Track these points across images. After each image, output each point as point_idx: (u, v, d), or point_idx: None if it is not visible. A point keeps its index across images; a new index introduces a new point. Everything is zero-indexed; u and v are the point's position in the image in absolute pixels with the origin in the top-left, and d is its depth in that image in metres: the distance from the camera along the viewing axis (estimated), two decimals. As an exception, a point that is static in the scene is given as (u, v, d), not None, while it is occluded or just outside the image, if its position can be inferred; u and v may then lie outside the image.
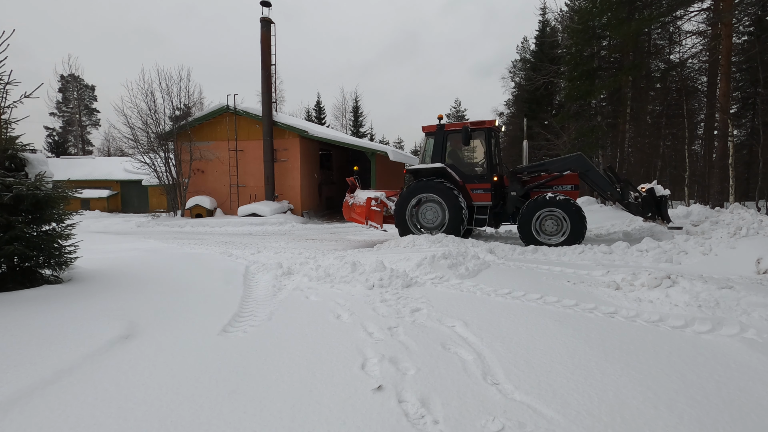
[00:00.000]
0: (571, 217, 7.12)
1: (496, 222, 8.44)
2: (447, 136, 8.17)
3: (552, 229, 7.39)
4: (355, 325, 3.54)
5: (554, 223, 7.36)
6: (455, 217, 7.70)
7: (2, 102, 4.73)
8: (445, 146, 8.20)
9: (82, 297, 4.23)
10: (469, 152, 8.44)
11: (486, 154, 8.09)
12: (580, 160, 7.58)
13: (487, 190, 7.93)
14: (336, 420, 2.10)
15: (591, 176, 7.54)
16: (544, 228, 7.43)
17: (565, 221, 7.21)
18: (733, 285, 4.02)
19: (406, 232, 8.25)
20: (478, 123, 8.11)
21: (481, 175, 8.14)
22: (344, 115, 44.86)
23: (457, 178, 8.05)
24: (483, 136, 8.13)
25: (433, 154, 8.29)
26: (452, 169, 8.08)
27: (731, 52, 11.85)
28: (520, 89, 32.25)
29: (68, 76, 40.53)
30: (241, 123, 19.53)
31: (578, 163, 7.56)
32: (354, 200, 9.07)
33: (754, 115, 19.38)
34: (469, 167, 8.42)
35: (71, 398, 2.33)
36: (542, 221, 7.38)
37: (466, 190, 8.09)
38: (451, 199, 7.72)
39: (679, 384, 2.37)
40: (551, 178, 7.89)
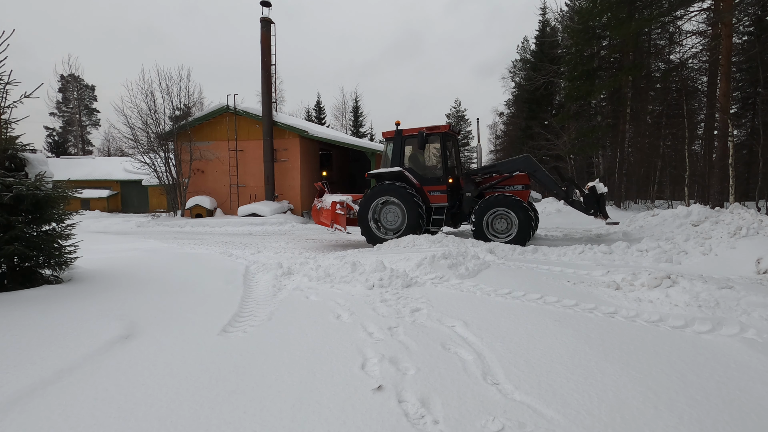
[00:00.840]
0: (518, 215, 7.41)
1: (454, 222, 8.74)
2: (405, 141, 8.47)
3: (502, 227, 7.70)
4: (355, 325, 3.54)
5: (504, 222, 7.68)
6: (413, 218, 7.96)
7: (2, 102, 4.73)
8: (404, 151, 8.48)
9: (82, 297, 4.23)
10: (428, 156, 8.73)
11: (441, 157, 8.37)
12: (527, 161, 7.90)
13: (443, 191, 8.21)
14: (336, 420, 2.10)
15: (538, 176, 7.87)
16: (495, 227, 7.75)
17: (513, 220, 7.50)
18: (733, 285, 4.02)
19: (369, 234, 8.49)
20: (433, 128, 8.35)
21: (437, 178, 8.39)
22: (344, 115, 44.88)
23: (414, 181, 8.31)
24: (438, 141, 8.39)
25: (392, 159, 8.60)
26: (410, 172, 8.37)
27: (731, 52, 11.85)
28: (520, 89, 32.26)
29: (68, 76, 40.54)
30: (241, 123, 19.53)
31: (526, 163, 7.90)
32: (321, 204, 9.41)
33: (754, 115, 19.38)
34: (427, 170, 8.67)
35: (71, 398, 2.33)
36: (493, 220, 7.71)
37: (424, 192, 8.37)
38: (409, 202, 7.97)
39: (679, 384, 2.37)
40: (502, 178, 8.19)
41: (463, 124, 47.94)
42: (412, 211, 7.97)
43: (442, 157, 8.40)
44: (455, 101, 51.84)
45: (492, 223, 7.75)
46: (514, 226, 7.54)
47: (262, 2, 18.29)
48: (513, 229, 7.56)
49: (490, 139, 49.45)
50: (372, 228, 8.41)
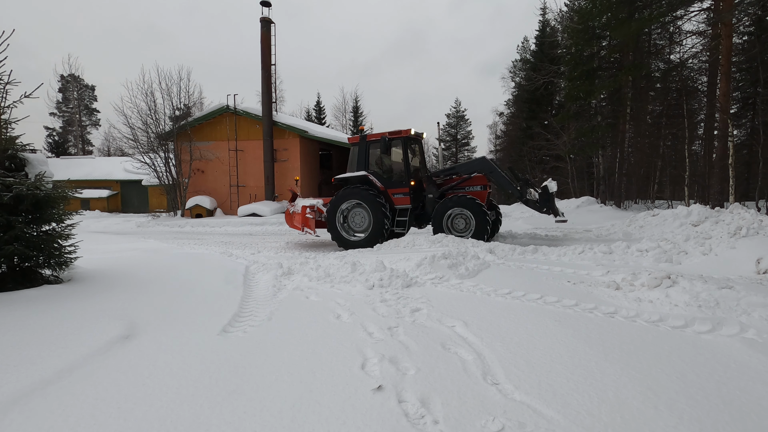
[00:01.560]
0: (475, 215, 7.68)
1: (419, 223, 9.04)
2: (369, 146, 8.76)
3: (461, 226, 7.98)
4: (355, 325, 3.54)
5: (462, 221, 7.95)
6: (379, 220, 8.22)
7: (2, 102, 4.73)
8: (368, 155, 8.76)
9: (82, 297, 4.23)
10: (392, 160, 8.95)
11: (404, 160, 8.58)
12: (483, 162, 8.21)
13: (406, 194, 8.48)
14: (336, 420, 2.10)
15: (494, 177, 8.13)
16: (455, 226, 8.02)
17: (471, 219, 7.77)
18: (733, 285, 4.02)
19: (338, 236, 8.74)
20: (396, 132, 8.60)
21: (400, 181, 8.64)
22: (344, 115, 44.89)
23: (378, 185, 8.59)
24: (400, 145, 8.62)
25: (358, 163, 8.89)
26: (375, 176, 8.64)
27: (731, 52, 11.84)
28: (520, 89, 32.25)
29: (68, 76, 40.55)
30: (241, 123, 19.53)
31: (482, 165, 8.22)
32: (294, 209, 9.70)
33: (754, 115, 19.38)
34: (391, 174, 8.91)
35: (71, 398, 2.33)
36: (453, 220, 7.99)
37: (389, 195, 8.63)
38: (373, 204, 8.23)
39: (679, 384, 2.37)
40: (462, 180, 8.47)
41: (463, 124, 47.95)
42: (377, 214, 8.21)
43: (404, 160, 8.61)
44: (455, 101, 51.86)
45: (451, 222, 8.03)
46: (472, 226, 7.82)
47: (262, 2, 18.29)
48: (471, 228, 7.85)
49: (490, 139, 49.51)
50: (340, 231, 8.64)
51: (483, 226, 7.67)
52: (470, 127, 48.36)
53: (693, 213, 8.45)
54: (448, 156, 48.41)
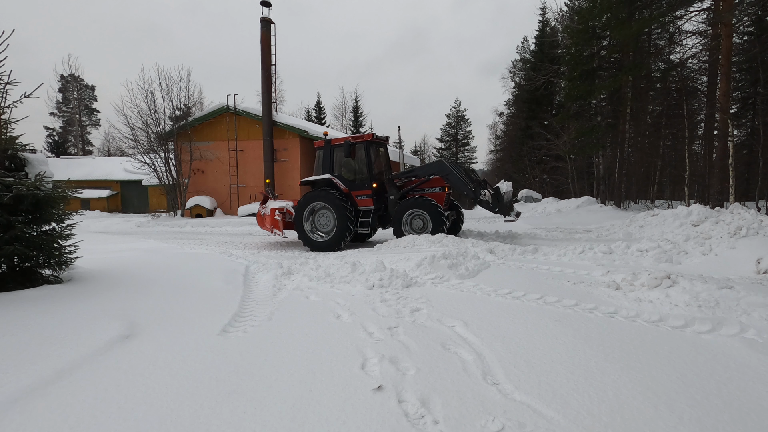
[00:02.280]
0: (432, 215, 8.02)
1: (382, 223, 9.35)
2: (333, 150, 9.10)
3: (419, 226, 8.35)
4: (355, 325, 3.54)
5: (420, 221, 8.30)
6: (342, 221, 8.49)
7: (2, 102, 4.73)
8: (333, 158, 9.09)
9: (82, 297, 4.23)
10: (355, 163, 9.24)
11: (366, 163, 8.92)
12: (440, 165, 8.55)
13: (368, 195, 8.82)
14: (336, 420, 2.10)
15: (450, 179, 8.41)
16: (414, 226, 8.39)
17: (427, 219, 8.11)
18: (733, 285, 4.02)
19: (304, 237, 8.98)
20: (358, 137, 9.05)
21: (363, 183, 8.95)
22: (344, 115, 44.89)
23: (342, 187, 8.87)
24: (363, 149, 8.95)
25: (323, 167, 9.19)
26: (339, 178, 8.94)
27: (731, 52, 11.84)
28: (520, 89, 32.24)
29: (68, 76, 40.55)
30: (241, 123, 19.53)
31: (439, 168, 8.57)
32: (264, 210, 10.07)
33: (754, 115, 19.38)
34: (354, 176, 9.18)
35: (71, 398, 2.33)
36: (411, 220, 8.35)
37: (352, 197, 8.94)
38: (338, 206, 8.49)
39: (679, 384, 2.37)
40: (421, 182, 8.82)
41: (463, 124, 47.93)
42: (341, 215, 8.47)
43: (366, 163, 8.92)
44: (455, 101, 51.86)
45: (410, 222, 8.36)
46: (429, 225, 8.16)
47: (262, 2, 18.29)
48: (428, 228, 8.19)
49: (490, 139, 49.49)
50: (306, 232, 8.93)
51: (439, 226, 8.00)
52: (470, 127, 48.39)
53: (693, 213, 8.44)
54: (448, 156, 48.43)
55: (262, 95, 18.65)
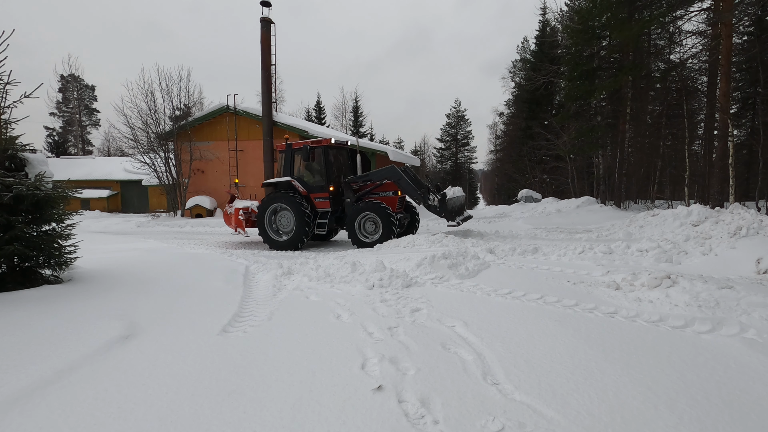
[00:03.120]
0: (382, 219, 8.33)
1: (339, 225, 9.60)
2: (294, 154, 9.43)
3: (371, 229, 8.64)
4: (355, 325, 3.54)
5: (372, 224, 8.60)
6: (301, 222, 8.82)
7: (2, 102, 4.73)
8: (293, 162, 9.43)
9: (82, 297, 4.23)
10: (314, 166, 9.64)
11: (324, 167, 9.24)
12: (392, 170, 8.83)
13: (326, 198, 9.14)
14: (336, 420, 2.10)
15: (401, 184, 8.71)
16: (366, 228, 8.68)
17: (379, 223, 8.41)
18: (733, 285, 4.02)
19: (266, 236, 9.29)
20: (317, 141, 9.37)
21: (321, 186, 9.27)
22: (344, 115, 44.87)
23: (301, 189, 9.21)
24: (321, 153, 9.25)
25: (284, 169, 9.54)
26: (298, 181, 9.27)
27: (731, 52, 11.83)
28: (520, 89, 32.24)
29: (68, 76, 40.53)
30: (241, 123, 19.53)
31: (390, 173, 8.87)
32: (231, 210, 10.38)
33: (754, 115, 19.37)
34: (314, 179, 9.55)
35: (71, 398, 2.33)
36: (364, 223, 8.66)
37: (311, 199, 9.27)
38: (296, 207, 8.83)
39: (679, 384, 2.37)
40: (375, 186, 9.14)
41: (463, 124, 47.92)
42: (299, 216, 8.82)
43: (325, 167, 9.23)
44: (455, 101, 51.79)
45: (363, 225, 8.66)
46: (380, 228, 8.45)
47: (262, 2, 18.27)
48: (379, 230, 8.48)
49: (490, 139, 49.48)
50: (268, 231, 9.24)
51: (389, 229, 8.31)
52: (470, 127, 48.36)
53: (693, 213, 8.44)
54: (448, 156, 48.40)
55: (262, 95, 18.64)
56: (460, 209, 8.91)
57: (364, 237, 8.58)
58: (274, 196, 9.18)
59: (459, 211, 8.89)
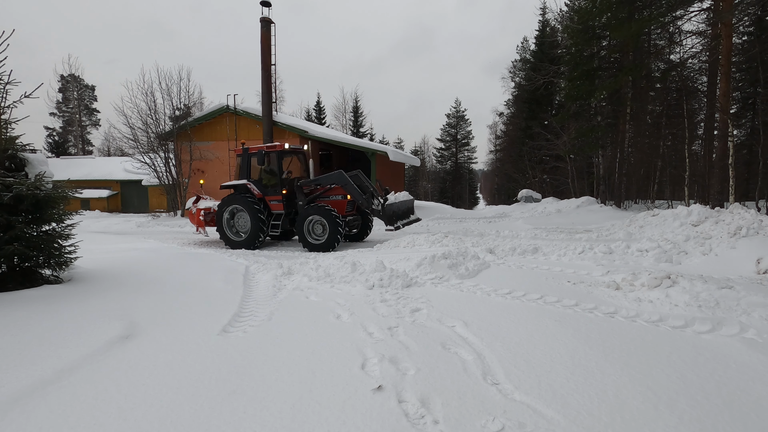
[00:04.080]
0: (329, 222, 8.63)
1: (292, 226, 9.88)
2: (250, 158, 9.80)
3: (319, 232, 8.92)
4: (355, 325, 3.54)
5: (320, 227, 8.88)
6: (255, 223, 9.19)
7: (2, 102, 4.73)
8: (249, 165, 9.78)
9: (82, 297, 4.23)
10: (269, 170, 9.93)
11: (278, 171, 9.60)
12: (339, 176, 9.15)
13: (279, 201, 9.50)
14: (336, 420, 2.10)
15: (347, 188, 9.03)
16: (314, 231, 8.97)
17: (327, 226, 8.71)
18: (733, 285, 4.02)
19: (224, 236, 9.65)
20: (272, 146, 9.70)
21: (275, 189, 9.62)
22: (344, 115, 44.86)
23: (256, 192, 9.55)
24: (275, 157, 9.64)
25: (240, 172, 9.90)
26: (254, 183, 9.62)
27: (731, 52, 11.82)
28: (520, 89, 32.24)
29: (68, 76, 40.52)
30: (241, 123, 19.52)
31: (338, 178, 9.20)
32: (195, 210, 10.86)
33: (754, 115, 19.37)
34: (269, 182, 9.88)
35: (71, 398, 2.33)
36: (313, 226, 8.95)
37: (266, 201, 9.63)
38: (251, 209, 9.20)
39: (679, 384, 2.37)
40: (325, 190, 9.46)
41: (463, 124, 47.92)
42: (254, 217, 9.18)
43: (278, 171, 9.60)
44: (455, 101, 51.78)
45: (312, 228, 8.97)
46: (327, 231, 8.73)
47: (262, 2, 18.27)
48: (326, 233, 8.76)
49: (490, 139, 49.47)
50: (226, 231, 9.62)
51: (335, 232, 8.60)
52: (470, 127, 48.36)
53: (693, 213, 8.44)
54: (448, 156, 48.40)
55: (262, 95, 18.63)
56: (404, 213, 9.25)
57: (312, 239, 8.90)
58: (231, 198, 9.57)
59: (403, 215, 9.23)
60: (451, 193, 46.50)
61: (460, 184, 48.15)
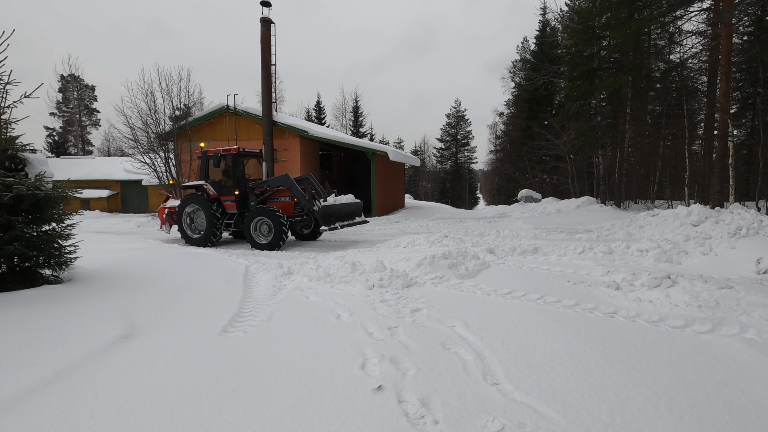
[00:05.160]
0: (274, 223, 9.01)
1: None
2: (209, 160, 10.33)
3: (266, 232, 9.30)
4: (355, 325, 3.54)
5: (266, 227, 9.26)
6: (210, 221, 9.74)
7: (2, 102, 4.72)
8: (208, 167, 10.30)
9: (82, 297, 4.23)
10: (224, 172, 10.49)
11: (232, 173, 10.18)
12: (284, 178, 9.57)
13: (233, 201, 9.98)
14: (336, 420, 2.10)
15: (292, 191, 9.41)
16: (261, 231, 9.35)
17: (272, 226, 9.08)
18: (733, 285, 4.02)
19: (183, 233, 10.19)
20: (227, 149, 10.24)
21: (229, 190, 10.10)
22: (344, 115, 44.86)
23: (211, 192, 10.01)
24: (230, 160, 10.16)
25: (200, 173, 10.41)
26: (211, 184, 10.09)
27: (731, 52, 11.82)
28: (520, 89, 32.24)
29: (68, 76, 40.51)
30: (241, 123, 19.52)
31: (284, 181, 9.62)
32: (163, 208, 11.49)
33: (754, 115, 19.37)
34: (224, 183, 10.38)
35: (71, 398, 2.33)
36: (260, 226, 9.35)
37: (221, 201, 10.07)
38: (206, 208, 9.77)
39: (679, 384, 2.37)
40: (274, 191, 9.90)
41: (462, 124, 47.92)
42: (208, 216, 9.73)
43: (232, 172, 10.15)
44: (455, 101, 51.74)
45: (259, 228, 9.34)
46: (272, 231, 9.09)
47: (262, 2, 18.26)
48: (272, 233, 9.11)
49: (490, 139, 49.46)
50: (185, 229, 10.15)
51: (280, 232, 8.95)
52: (470, 127, 48.35)
53: (693, 213, 8.44)
54: (448, 156, 48.39)
55: (262, 95, 18.62)
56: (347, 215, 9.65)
57: (259, 239, 9.26)
58: (189, 197, 10.09)
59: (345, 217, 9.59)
60: (451, 193, 46.51)
61: (460, 184, 48.15)
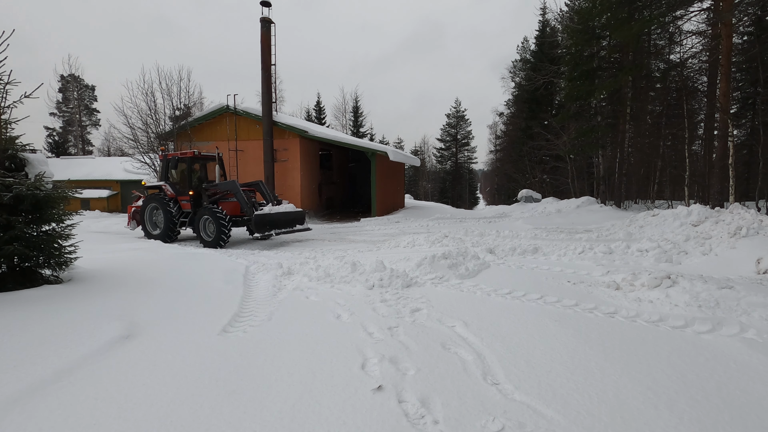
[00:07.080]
0: (216, 222, 9.72)
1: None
2: (169, 162, 11.18)
3: (212, 230, 10.00)
4: (355, 325, 3.54)
5: (213, 226, 9.94)
6: (167, 219, 10.56)
7: (2, 102, 4.72)
8: (168, 168, 11.16)
9: (82, 297, 4.23)
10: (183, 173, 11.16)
11: (188, 175, 10.94)
12: (232, 184, 10.30)
13: (187, 201, 10.70)
14: (336, 420, 2.10)
15: (236, 196, 10.05)
16: (208, 229, 10.06)
17: (215, 225, 9.79)
18: (733, 285, 4.02)
19: (145, 231, 11.03)
20: (183, 153, 11.07)
21: (184, 191, 10.79)
22: (344, 115, 44.85)
23: (169, 192, 10.80)
24: (186, 162, 10.95)
25: (161, 174, 11.24)
26: (170, 185, 10.87)
27: (731, 52, 11.82)
28: (520, 89, 32.24)
29: (68, 76, 40.51)
30: (241, 123, 19.52)
31: (230, 186, 10.34)
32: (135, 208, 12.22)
33: (754, 115, 19.36)
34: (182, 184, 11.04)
35: (71, 398, 2.33)
36: (207, 225, 10.08)
37: (178, 201, 10.83)
38: (164, 207, 10.61)
39: (679, 384, 2.37)
40: (224, 193, 10.59)
41: (463, 124, 47.91)
42: (166, 215, 10.57)
43: (188, 174, 10.93)
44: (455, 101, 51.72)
45: (206, 226, 10.07)
46: (215, 229, 9.78)
47: (262, 2, 18.26)
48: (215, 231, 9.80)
49: (490, 139, 49.46)
50: (147, 227, 11.00)
51: (220, 231, 9.61)
52: (470, 127, 48.33)
53: (693, 213, 8.44)
54: (448, 156, 48.39)
55: (262, 95, 18.63)
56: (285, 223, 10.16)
57: (206, 236, 9.94)
58: (150, 197, 10.84)
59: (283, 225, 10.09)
60: (451, 193, 46.50)
61: (460, 184, 48.14)
